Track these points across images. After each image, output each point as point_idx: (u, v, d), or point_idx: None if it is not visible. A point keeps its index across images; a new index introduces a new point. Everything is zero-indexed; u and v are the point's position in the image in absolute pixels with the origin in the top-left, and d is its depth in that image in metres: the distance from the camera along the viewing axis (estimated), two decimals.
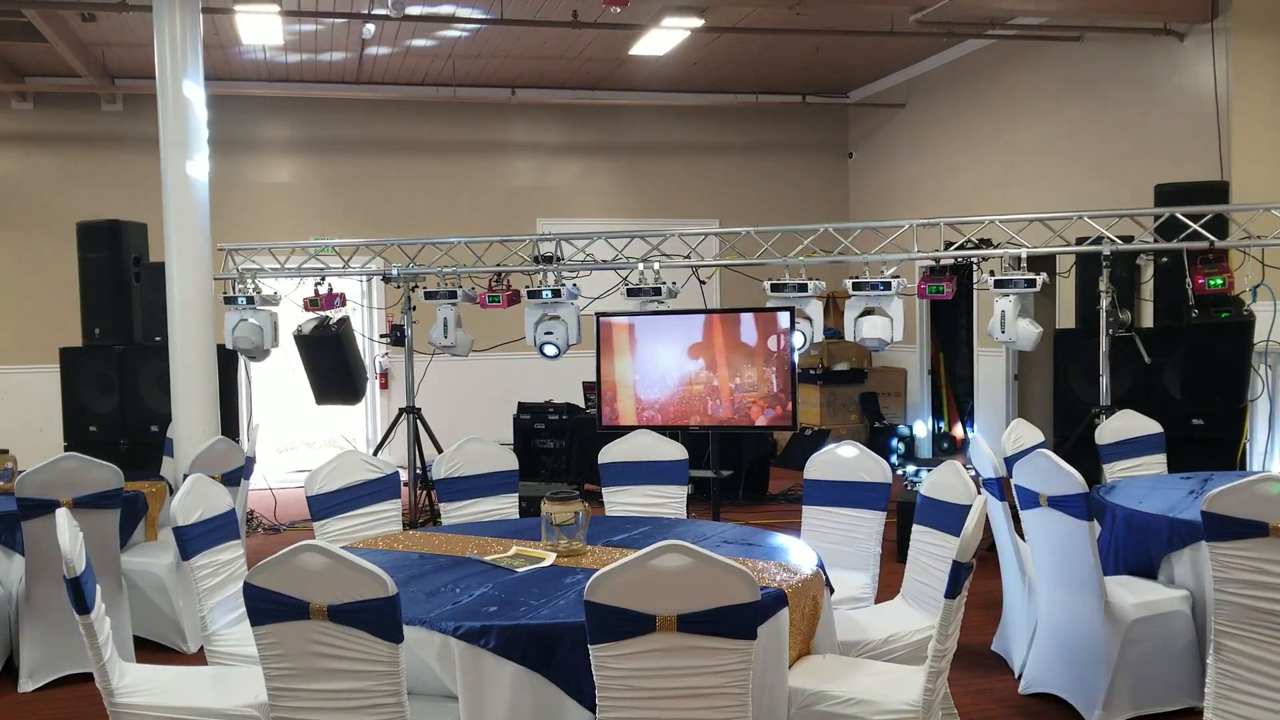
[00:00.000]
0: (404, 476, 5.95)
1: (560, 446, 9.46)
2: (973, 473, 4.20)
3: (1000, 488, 4.66)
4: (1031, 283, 6.57)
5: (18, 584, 4.97)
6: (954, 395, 11.45)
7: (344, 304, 8.12)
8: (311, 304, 7.98)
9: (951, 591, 3.10)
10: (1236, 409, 6.65)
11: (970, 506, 3.28)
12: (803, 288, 7.06)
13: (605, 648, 2.75)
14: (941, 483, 3.98)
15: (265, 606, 2.81)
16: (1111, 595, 4.15)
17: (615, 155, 12.37)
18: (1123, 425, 5.71)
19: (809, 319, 7.02)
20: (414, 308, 8.11)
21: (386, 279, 8.25)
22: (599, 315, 6.75)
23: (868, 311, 6.95)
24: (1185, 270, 6.39)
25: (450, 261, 8.04)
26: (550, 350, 7.54)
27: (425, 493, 7.96)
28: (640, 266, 7.50)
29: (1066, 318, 8.41)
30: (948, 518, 3.83)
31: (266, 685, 2.88)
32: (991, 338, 6.90)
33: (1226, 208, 6.79)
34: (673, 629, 2.72)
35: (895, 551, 6.28)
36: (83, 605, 3.06)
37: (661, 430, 5.40)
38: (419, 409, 8.03)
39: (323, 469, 4.53)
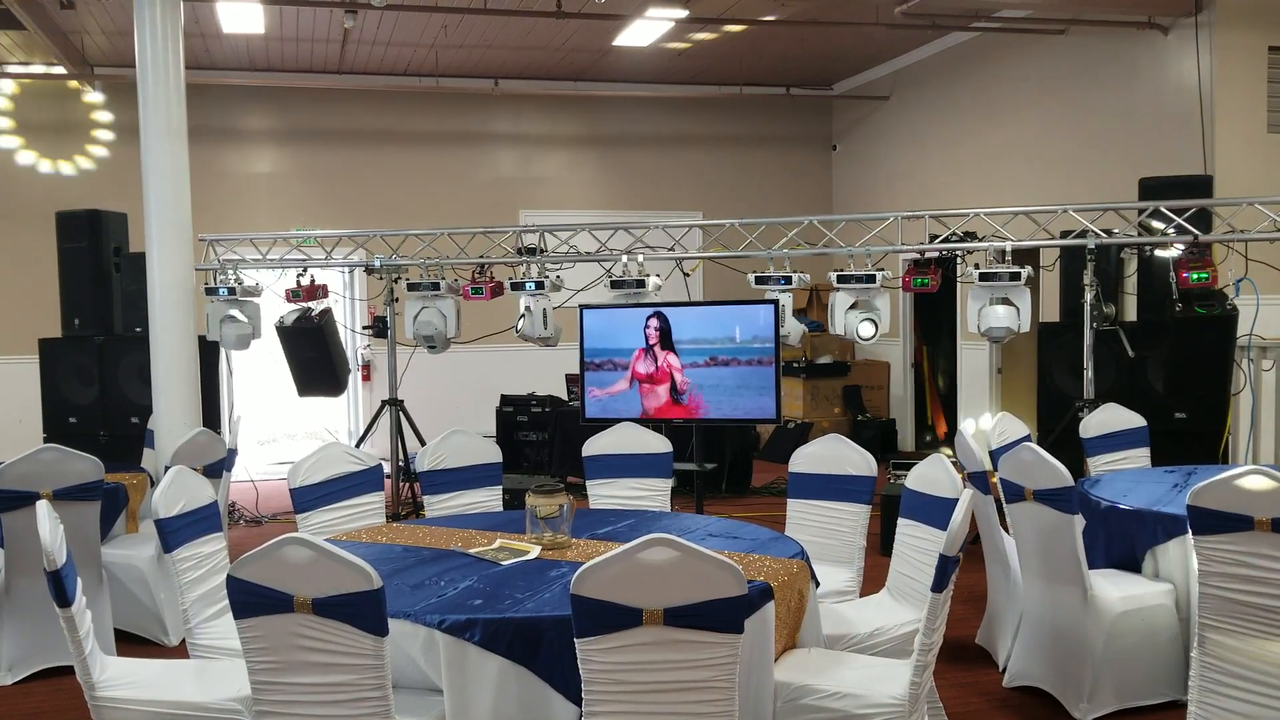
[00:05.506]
0: (387, 469, 5.92)
1: (543, 439, 9.43)
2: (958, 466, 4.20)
3: (985, 481, 4.67)
4: (1016, 276, 6.58)
5: None
6: (937, 388, 11.48)
7: (326, 295, 8.08)
8: (293, 295, 7.94)
9: (938, 585, 3.10)
10: (1219, 403, 6.68)
11: (955, 500, 3.28)
12: (787, 280, 7.06)
13: (591, 641, 2.74)
14: (927, 476, 3.98)
15: (249, 599, 2.78)
16: (1096, 589, 4.16)
17: (599, 147, 12.34)
18: (1106, 419, 5.72)
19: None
20: (396, 299, 8.07)
21: (369, 270, 8.21)
22: (582, 307, 6.74)
23: (855, 305, 6.95)
24: (1169, 264, 6.42)
25: (433, 253, 8.00)
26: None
27: (408, 485, 7.93)
28: (624, 259, 7.48)
29: (1050, 311, 8.43)
30: (933, 511, 3.83)
31: (250, 679, 2.86)
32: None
33: (1210, 202, 6.81)
34: (659, 622, 2.71)
35: (879, 545, 6.29)
36: (63, 598, 3.03)
37: (644, 422, 5.39)
38: (402, 401, 7.99)
39: (305, 461, 4.51)
